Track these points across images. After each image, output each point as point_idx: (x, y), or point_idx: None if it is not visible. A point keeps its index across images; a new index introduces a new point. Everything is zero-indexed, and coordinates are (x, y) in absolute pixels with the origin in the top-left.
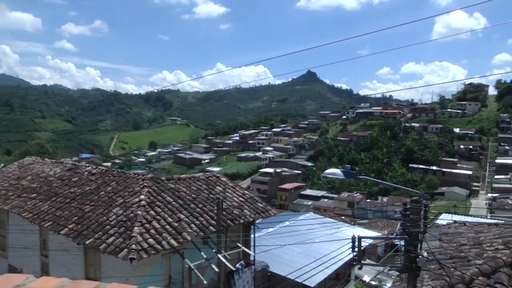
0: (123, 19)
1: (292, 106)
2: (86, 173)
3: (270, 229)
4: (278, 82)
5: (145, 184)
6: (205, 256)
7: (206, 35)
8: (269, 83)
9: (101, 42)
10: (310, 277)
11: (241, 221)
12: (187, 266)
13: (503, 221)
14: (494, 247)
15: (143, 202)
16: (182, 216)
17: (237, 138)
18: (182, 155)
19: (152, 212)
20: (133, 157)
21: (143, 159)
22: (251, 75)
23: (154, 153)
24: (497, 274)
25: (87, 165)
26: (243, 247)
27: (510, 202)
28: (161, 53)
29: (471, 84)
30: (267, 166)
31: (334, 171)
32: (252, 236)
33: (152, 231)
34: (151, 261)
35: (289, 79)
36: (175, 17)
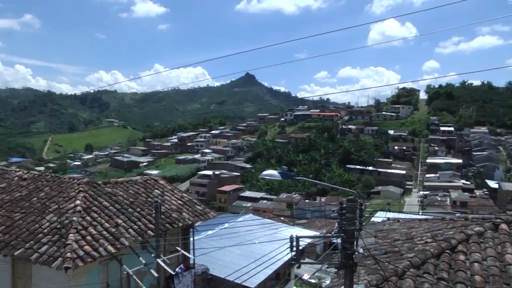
0: (57, 14)
1: (230, 108)
2: (16, 178)
3: (210, 232)
4: (216, 84)
5: (81, 188)
6: (144, 261)
7: (144, 35)
8: (208, 85)
9: (32, 38)
10: (250, 277)
11: (180, 224)
12: (125, 272)
13: (432, 217)
14: (424, 240)
15: (78, 208)
16: (120, 221)
17: (176, 140)
18: (119, 158)
19: (88, 217)
20: (68, 161)
21: (79, 163)
22: (190, 76)
23: (90, 156)
24: (425, 265)
25: (17, 169)
26: (182, 251)
27: (439, 199)
28: (97, 52)
29: (404, 88)
30: (206, 168)
31: (271, 173)
32: (191, 239)
33: (89, 237)
34: (87, 269)
35: (228, 81)
36: (113, 15)
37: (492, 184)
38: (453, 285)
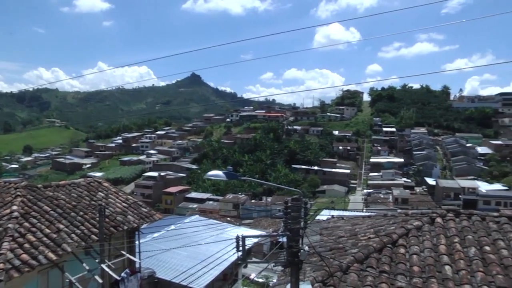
0: None
1: (176, 108)
2: None
3: (156, 234)
4: (162, 84)
5: (18, 193)
6: (87, 268)
7: (87, 31)
8: (153, 84)
9: None
10: (197, 279)
11: (125, 227)
12: (67, 280)
13: (375, 213)
14: (367, 236)
15: (15, 214)
16: (62, 226)
17: (120, 141)
18: (61, 160)
19: (26, 224)
20: (4, 164)
21: (16, 165)
22: (135, 75)
23: (29, 158)
24: (368, 260)
25: None
26: (127, 255)
27: (382, 196)
28: (36, 48)
29: (348, 90)
30: (151, 169)
31: (216, 173)
32: (137, 242)
33: (27, 245)
34: (24, 280)
35: (174, 81)
36: (53, 9)
37: (430, 181)
38: (394, 277)
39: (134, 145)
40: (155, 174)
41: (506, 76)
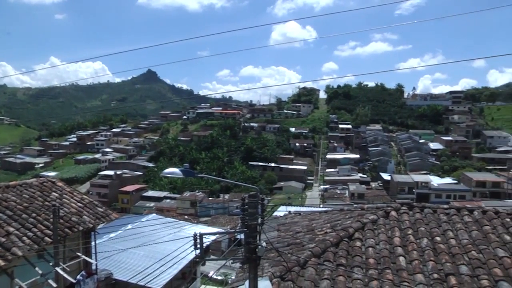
0: None
1: (132, 105)
2: None
3: (112, 234)
4: (117, 80)
5: None
6: (40, 272)
7: (39, 24)
8: (108, 80)
9: None
10: (155, 278)
11: (81, 228)
12: (17, 287)
13: (331, 209)
14: (324, 231)
15: None
16: (12, 229)
17: (75, 139)
18: (11, 159)
19: None
20: None
21: None
22: (89, 71)
23: None
24: (325, 254)
25: None
26: (83, 256)
27: (338, 192)
28: None
29: (304, 88)
30: (107, 168)
31: (172, 171)
32: (93, 243)
33: None
34: None
35: (129, 78)
36: None
37: (385, 176)
38: (350, 269)
39: (89, 143)
40: (111, 173)
41: (455, 76)
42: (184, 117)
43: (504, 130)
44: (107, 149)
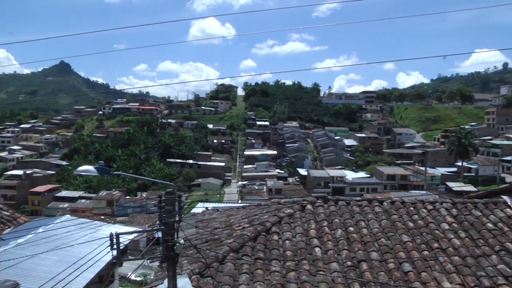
0: None
1: (43, 99)
2: None
3: (21, 240)
4: (26, 71)
5: None
6: None
7: None
8: (15, 72)
9: None
10: (68, 284)
11: None
12: None
13: (249, 204)
14: (241, 226)
15: None
16: None
17: None
18: None
19: None
20: None
21: None
22: None
23: None
24: (244, 248)
25: None
26: None
27: (256, 188)
28: None
29: (222, 84)
30: (15, 167)
31: (87, 168)
32: None
33: None
34: None
35: (40, 69)
36: None
37: (302, 171)
38: (268, 262)
39: None
40: (19, 172)
41: (368, 77)
42: (100, 112)
43: (411, 127)
44: (15, 147)
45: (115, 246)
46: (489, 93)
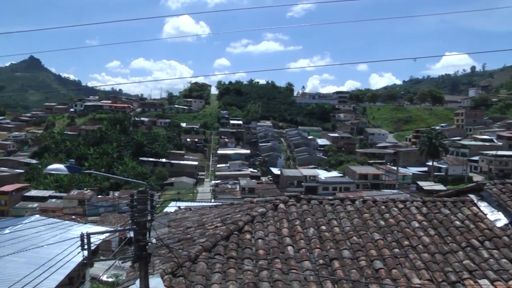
0: None
1: (11, 95)
2: None
3: None
4: None
5: None
6: None
7: None
8: None
9: None
10: (36, 286)
11: None
12: None
13: (222, 203)
14: (214, 225)
15: None
16: None
17: None
18: None
19: None
20: None
21: None
22: None
23: None
24: (216, 247)
25: None
26: None
27: (230, 187)
28: None
29: (196, 83)
30: None
31: (57, 167)
32: None
33: None
34: None
35: (8, 64)
36: None
37: (275, 171)
38: (241, 261)
39: None
40: None
41: (341, 77)
42: (71, 109)
43: (383, 128)
44: None
45: (86, 247)
46: (458, 95)
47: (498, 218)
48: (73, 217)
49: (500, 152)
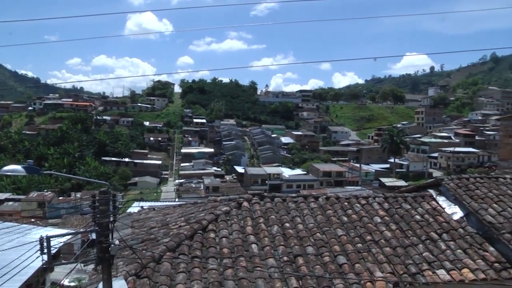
0: None
1: None
2: None
3: None
4: None
5: None
6: None
7: None
8: None
9: None
10: None
11: None
12: None
13: (185, 202)
14: (178, 225)
15: None
16: None
17: None
18: None
19: None
20: None
21: None
22: None
23: None
24: (180, 247)
25: None
26: None
27: (194, 186)
28: None
29: (159, 81)
30: None
31: (14, 168)
32: None
33: None
34: None
35: None
36: None
37: (240, 169)
38: (206, 261)
39: None
40: None
41: (305, 76)
42: (30, 108)
43: (346, 126)
44: None
45: (45, 251)
46: (418, 94)
47: (455, 212)
48: (32, 220)
49: (457, 149)
